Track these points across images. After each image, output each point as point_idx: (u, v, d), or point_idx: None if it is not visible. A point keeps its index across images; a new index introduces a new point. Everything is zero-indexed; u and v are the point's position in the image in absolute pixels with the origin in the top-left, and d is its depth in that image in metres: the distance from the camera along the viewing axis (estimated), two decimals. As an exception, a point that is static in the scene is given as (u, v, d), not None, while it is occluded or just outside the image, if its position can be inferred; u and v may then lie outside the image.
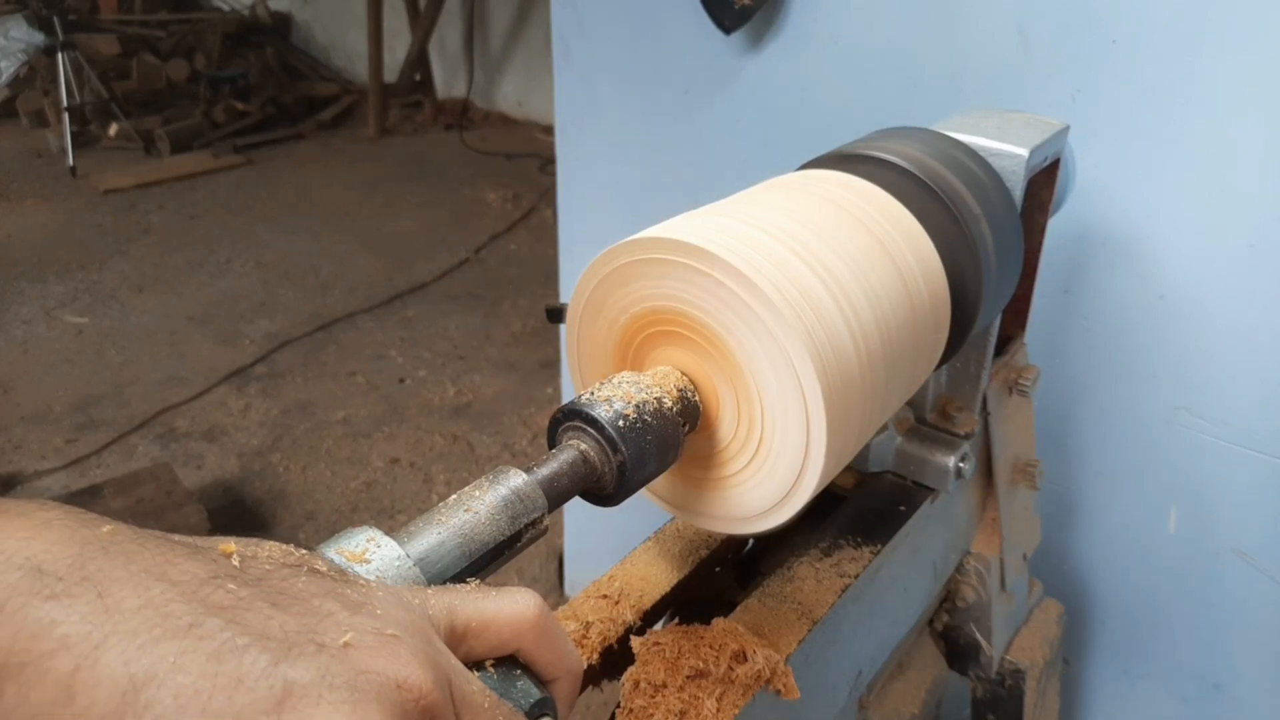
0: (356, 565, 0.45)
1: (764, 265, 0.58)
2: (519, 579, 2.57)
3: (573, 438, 0.58)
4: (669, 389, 0.61)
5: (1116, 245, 1.20)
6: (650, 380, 0.61)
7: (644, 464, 0.58)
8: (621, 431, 0.57)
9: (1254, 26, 1.03)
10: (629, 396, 0.59)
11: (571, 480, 0.56)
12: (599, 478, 0.58)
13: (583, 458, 0.57)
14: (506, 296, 4.23)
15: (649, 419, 0.58)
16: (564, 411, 0.58)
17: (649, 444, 0.58)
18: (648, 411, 0.58)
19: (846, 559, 0.82)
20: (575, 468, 0.56)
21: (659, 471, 0.60)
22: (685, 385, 0.63)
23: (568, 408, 0.58)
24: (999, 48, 1.22)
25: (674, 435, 0.60)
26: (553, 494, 0.54)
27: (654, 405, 0.59)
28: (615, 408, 0.58)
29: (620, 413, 0.57)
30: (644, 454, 0.58)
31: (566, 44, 1.76)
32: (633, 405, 0.58)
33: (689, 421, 0.62)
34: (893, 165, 0.75)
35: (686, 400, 0.62)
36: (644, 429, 0.58)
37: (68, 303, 4.03)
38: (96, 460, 3.02)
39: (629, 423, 0.57)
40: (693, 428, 0.63)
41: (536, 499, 0.53)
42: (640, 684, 0.67)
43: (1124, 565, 1.38)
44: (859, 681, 0.88)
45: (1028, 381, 1.01)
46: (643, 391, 0.59)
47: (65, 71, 5.50)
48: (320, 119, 6.55)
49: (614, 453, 0.57)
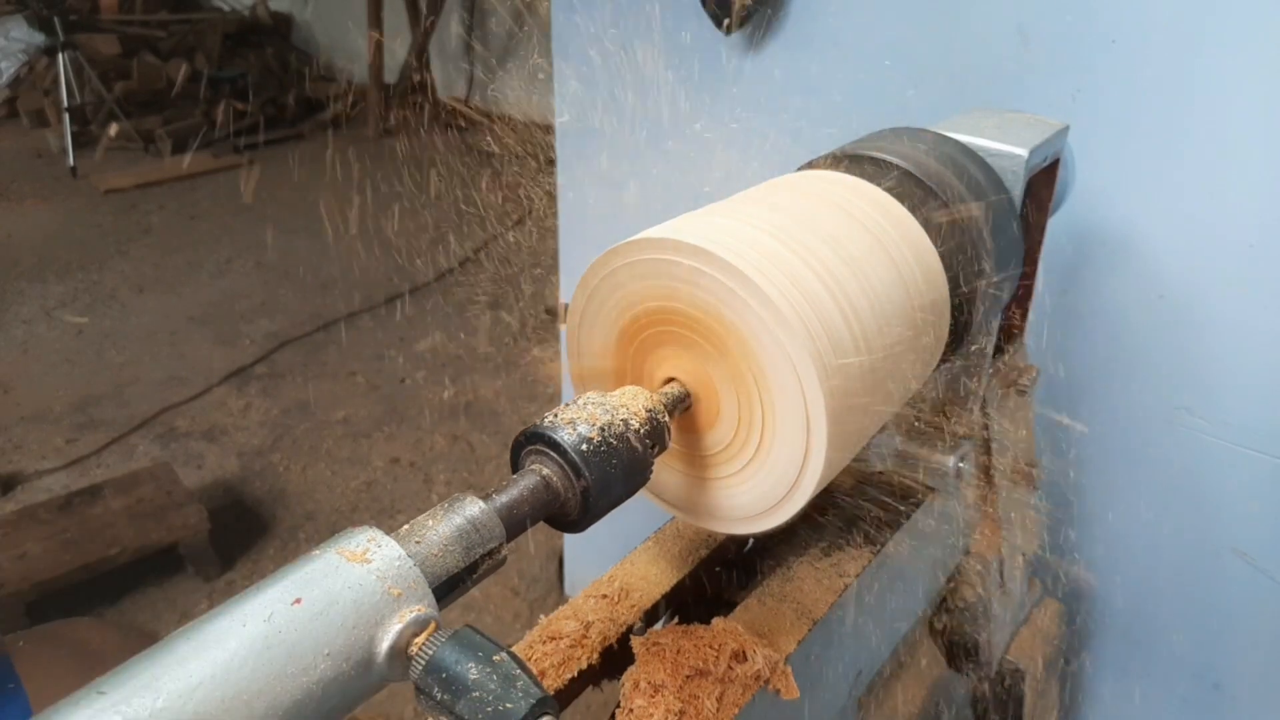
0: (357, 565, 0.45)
1: (764, 265, 0.58)
2: (519, 579, 2.57)
3: (535, 462, 0.56)
4: (636, 410, 0.59)
5: (1116, 245, 1.20)
6: (617, 401, 0.59)
7: (609, 489, 0.56)
8: (585, 456, 0.54)
9: (1254, 26, 1.03)
10: (594, 419, 0.56)
11: (533, 507, 0.54)
12: (563, 504, 0.55)
13: (545, 483, 0.55)
14: (506, 296, 4.23)
15: (614, 442, 0.56)
16: (526, 434, 0.56)
17: (614, 468, 0.56)
18: (613, 434, 0.56)
19: (846, 559, 0.82)
20: (537, 494, 0.54)
21: (626, 496, 0.58)
22: (654, 406, 0.60)
23: (530, 430, 0.56)
24: (999, 48, 1.22)
25: (641, 458, 0.58)
26: (512, 522, 0.52)
27: (620, 428, 0.57)
28: (579, 431, 0.55)
29: (584, 436, 0.55)
30: (609, 479, 0.55)
31: (566, 44, 1.76)
32: (597, 428, 0.56)
33: (658, 443, 0.60)
34: (893, 165, 0.75)
35: (655, 422, 0.60)
36: (609, 452, 0.56)
37: (68, 303, 4.03)
38: (96, 460, 3.02)
39: (593, 446, 0.55)
40: (662, 448, 0.61)
41: (493, 529, 0.51)
42: (640, 684, 0.67)
43: (1124, 565, 1.38)
44: (859, 681, 0.88)
45: (1028, 381, 1.01)
46: (608, 413, 0.57)
47: (66, 72, 5.50)
48: (320, 119, 6.55)
49: (577, 478, 0.55)
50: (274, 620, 0.43)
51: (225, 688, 0.40)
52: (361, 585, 0.45)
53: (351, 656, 0.44)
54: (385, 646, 0.45)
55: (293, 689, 0.42)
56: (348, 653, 0.44)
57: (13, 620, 2.20)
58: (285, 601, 0.43)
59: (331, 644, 0.43)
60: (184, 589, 2.53)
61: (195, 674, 0.40)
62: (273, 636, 0.42)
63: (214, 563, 2.56)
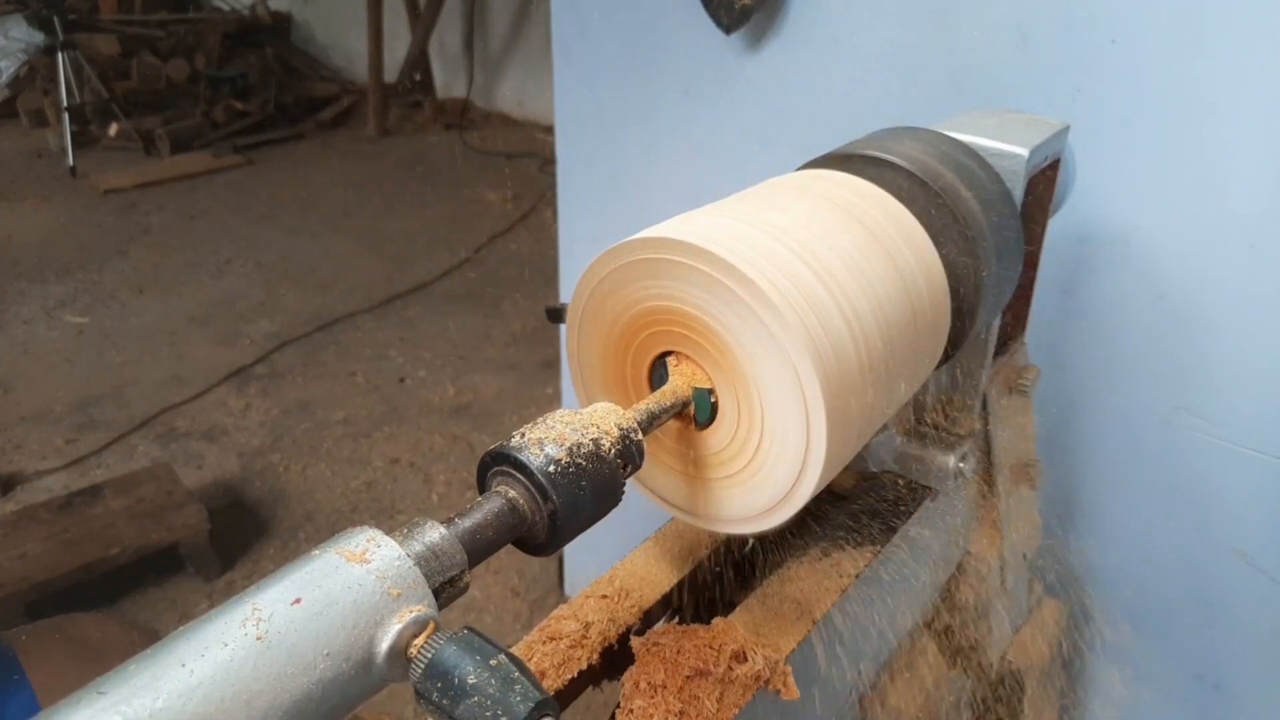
0: (356, 565, 0.45)
1: (764, 265, 0.58)
2: (519, 579, 2.57)
3: (501, 483, 0.54)
4: (608, 429, 0.57)
5: (1116, 245, 1.20)
6: (588, 420, 0.57)
7: (578, 512, 0.54)
8: (553, 478, 0.52)
9: (1254, 26, 1.03)
10: (562, 439, 0.54)
11: (498, 531, 0.52)
12: (530, 527, 0.53)
13: (510, 506, 0.53)
14: (506, 296, 4.23)
15: (583, 463, 0.54)
16: (492, 455, 0.54)
17: (583, 490, 0.54)
18: (582, 455, 0.54)
19: (846, 559, 0.82)
20: (502, 518, 0.52)
21: (596, 518, 0.56)
22: (627, 424, 0.58)
23: (496, 451, 0.54)
24: (999, 48, 1.22)
25: (612, 479, 0.56)
26: (475, 548, 0.50)
27: (590, 448, 0.55)
28: (547, 452, 0.53)
29: (552, 458, 0.53)
30: (578, 501, 0.53)
31: (566, 44, 1.76)
32: (566, 449, 0.54)
33: (630, 463, 0.58)
34: (893, 165, 0.75)
35: (628, 440, 0.58)
36: (578, 474, 0.53)
37: (68, 303, 4.03)
38: (97, 460, 3.02)
39: (561, 468, 0.53)
40: (635, 468, 0.59)
41: (454, 555, 0.49)
42: (640, 684, 0.67)
43: (1124, 565, 1.38)
44: (859, 681, 0.88)
45: (1028, 381, 1.01)
46: (578, 433, 0.55)
47: (65, 71, 5.50)
48: (320, 119, 6.56)
49: (544, 501, 0.53)
50: (274, 620, 0.43)
51: (225, 688, 0.40)
52: (361, 585, 0.45)
53: (351, 657, 0.44)
54: (385, 647, 0.45)
55: (293, 689, 0.42)
56: (347, 653, 0.44)
57: (12, 620, 2.20)
58: (285, 601, 0.44)
59: (331, 644, 0.44)
60: (184, 589, 2.53)
61: (195, 674, 0.40)
62: (273, 636, 0.42)
63: (214, 563, 2.56)
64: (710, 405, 0.64)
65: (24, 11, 6.05)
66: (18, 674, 1.11)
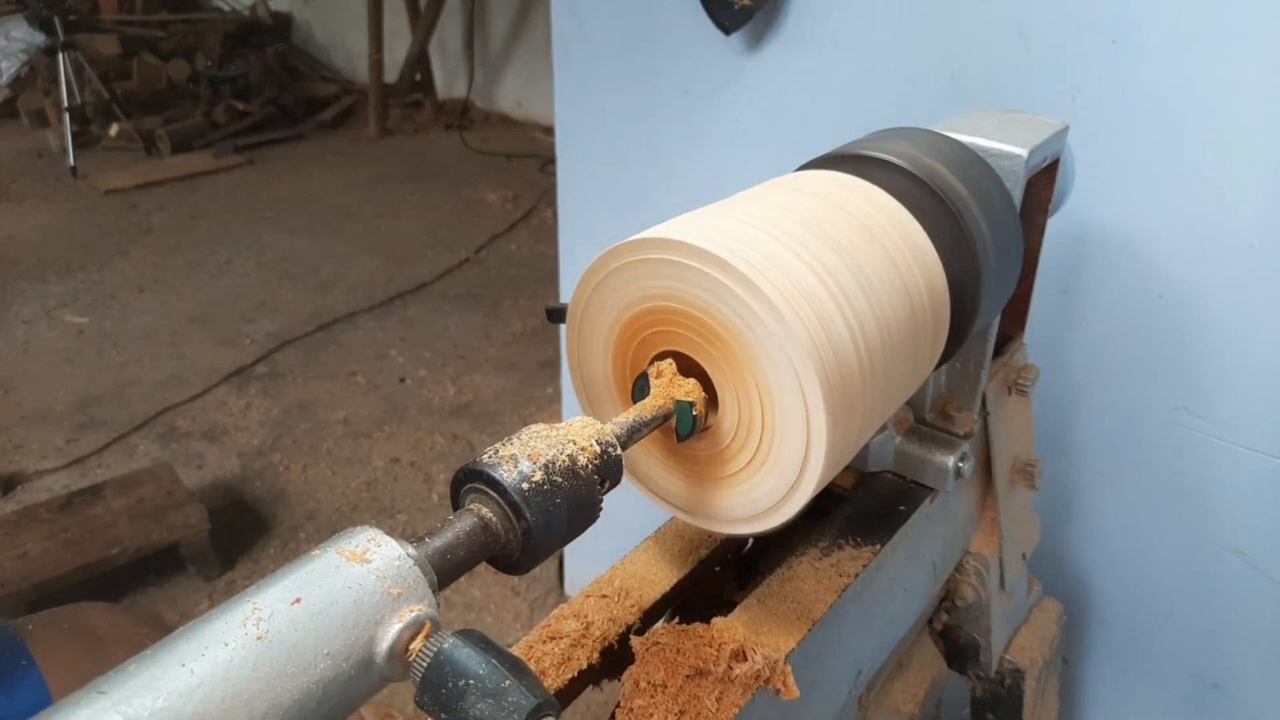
0: (356, 565, 0.45)
1: (764, 265, 0.58)
2: (519, 579, 2.58)
3: (474, 501, 0.53)
4: (586, 444, 0.56)
5: (1116, 245, 1.20)
6: (564, 435, 0.56)
7: (552, 530, 0.53)
8: (526, 496, 0.51)
9: (1254, 26, 1.03)
10: (537, 455, 0.53)
11: (469, 551, 0.51)
12: (503, 545, 0.53)
13: (483, 525, 0.52)
14: (506, 296, 4.23)
15: (559, 479, 0.53)
16: (465, 471, 0.54)
17: (558, 508, 0.53)
18: (558, 471, 0.53)
19: (846, 559, 0.82)
20: (474, 537, 0.51)
21: (572, 536, 0.55)
22: (606, 439, 0.57)
23: (469, 467, 0.53)
24: (999, 48, 1.22)
25: (588, 496, 0.55)
26: (446, 568, 0.50)
27: (566, 464, 0.54)
28: (521, 469, 0.52)
29: (526, 475, 0.52)
30: (552, 520, 0.52)
31: (566, 44, 1.76)
32: (540, 466, 0.53)
33: (609, 479, 0.57)
34: (893, 165, 0.76)
35: (607, 455, 0.56)
36: (553, 491, 0.52)
37: (68, 303, 4.03)
38: (97, 460, 3.03)
39: (535, 486, 0.52)
40: (614, 484, 0.58)
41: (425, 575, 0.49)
42: (640, 684, 0.67)
43: (1124, 565, 1.38)
44: (859, 681, 0.88)
45: (1027, 381, 1.01)
46: (554, 449, 0.54)
47: (66, 71, 5.50)
48: (320, 119, 6.56)
49: (518, 519, 0.52)
50: (274, 620, 0.43)
51: (225, 688, 0.40)
52: (361, 585, 0.45)
53: (351, 656, 0.44)
54: (385, 646, 0.45)
55: (293, 689, 0.42)
56: (347, 652, 0.44)
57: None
58: (285, 601, 0.44)
59: (331, 644, 0.44)
60: (184, 589, 2.54)
61: (195, 673, 0.40)
62: (273, 636, 0.42)
63: (214, 563, 2.56)
64: (692, 418, 0.63)
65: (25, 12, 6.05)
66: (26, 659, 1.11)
